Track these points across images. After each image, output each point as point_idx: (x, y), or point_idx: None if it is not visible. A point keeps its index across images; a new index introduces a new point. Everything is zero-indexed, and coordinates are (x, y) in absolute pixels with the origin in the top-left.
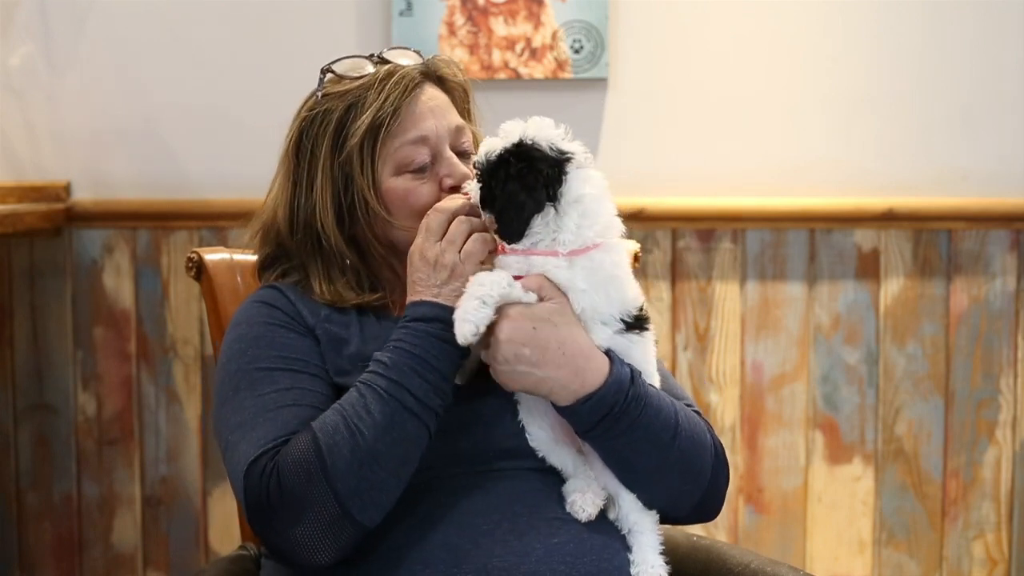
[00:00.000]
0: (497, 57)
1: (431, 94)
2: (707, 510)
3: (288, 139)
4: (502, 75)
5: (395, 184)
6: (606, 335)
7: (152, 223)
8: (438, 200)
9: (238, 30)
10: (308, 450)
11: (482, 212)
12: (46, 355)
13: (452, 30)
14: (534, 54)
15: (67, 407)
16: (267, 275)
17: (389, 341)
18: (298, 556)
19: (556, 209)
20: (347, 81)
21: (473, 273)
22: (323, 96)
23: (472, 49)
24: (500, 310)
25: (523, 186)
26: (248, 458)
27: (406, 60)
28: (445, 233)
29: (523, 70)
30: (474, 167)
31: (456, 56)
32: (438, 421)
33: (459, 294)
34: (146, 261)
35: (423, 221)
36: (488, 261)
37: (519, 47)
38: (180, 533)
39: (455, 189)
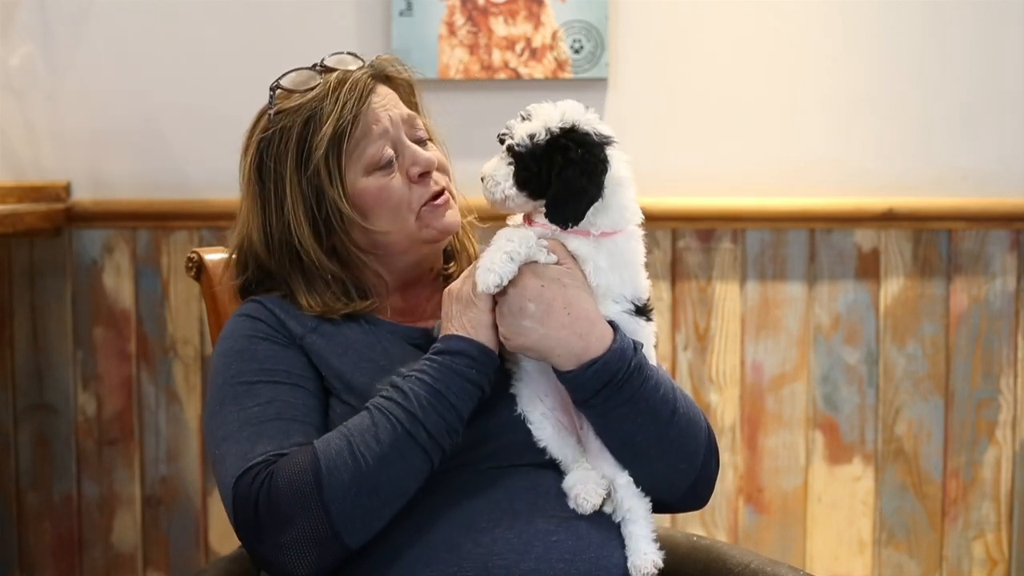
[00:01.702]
0: (497, 57)
1: (382, 93)
2: (699, 495)
3: (248, 161)
4: (502, 75)
5: (366, 185)
6: (614, 310)
7: (152, 223)
8: (407, 189)
9: (238, 30)
10: (306, 469)
11: (516, 194)
12: (46, 355)
13: (452, 30)
14: (534, 54)
15: (67, 407)
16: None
17: (412, 369)
18: (279, 566)
19: (603, 194)
20: (297, 95)
21: (484, 303)
22: (276, 114)
23: (472, 49)
24: None
25: (584, 172)
26: (237, 471)
27: (350, 65)
28: None
29: (523, 70)
30: (511, 149)
31: (456, 56)
32: (444, 458)
33: (475, 323)
34: (146, 261)
35: (468, 269)
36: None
37: (519, 47)
38: (180, 533)
39: (423, 177)
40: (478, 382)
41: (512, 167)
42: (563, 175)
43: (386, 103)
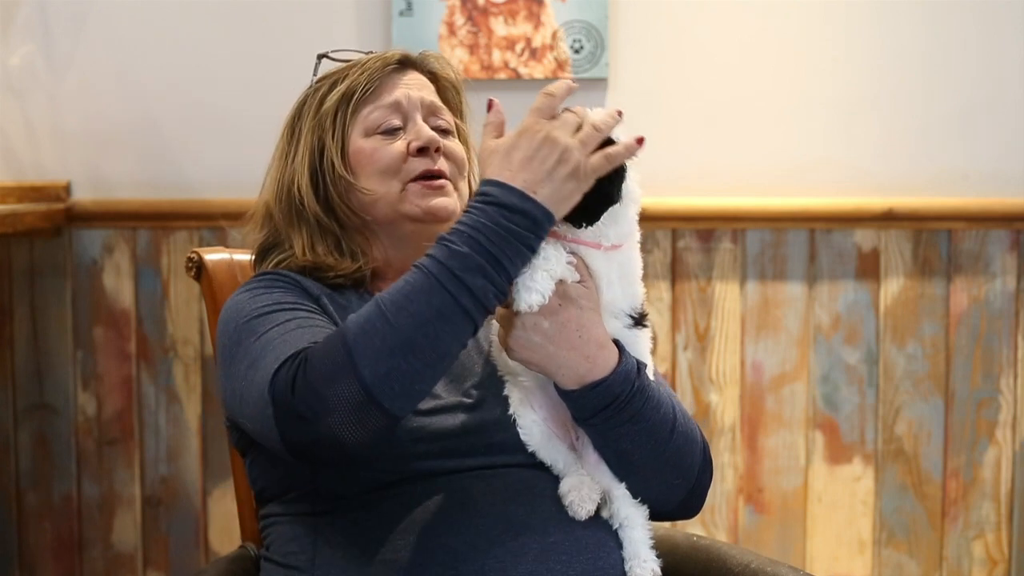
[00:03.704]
0: (497, 57)
1: (412, 75)
2: (691, 507)
3: (284, 122)
4: (502, 75)
5: (362, 144)
6: (616, 327)
7: (152, 223)
8: (402, 159)
9: (238, 30)
10: (336, 340)
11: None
12: (46, 355)
13: (452, 30)
14: (534, 54)
15: (67, 407)
16: (263, 266)
17: (463, 221)
18: (325, 443)
19: (620, 199)
20: (337, 64)
21: (589, 186)
22: (317, 81)
23: (472, 49)
24: None
25: (606, 177)
26: (270, 373)
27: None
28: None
29: (523, 70)
30: None
31: (456, 56)
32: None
33: (566, 197)
34: (146, 261)
35: (536, 102)
36: None
37: (519, 47)
38: (180, 533)
39: (422, 151)
40: (533, 246)
41: None
42: None
43: (411, 83)
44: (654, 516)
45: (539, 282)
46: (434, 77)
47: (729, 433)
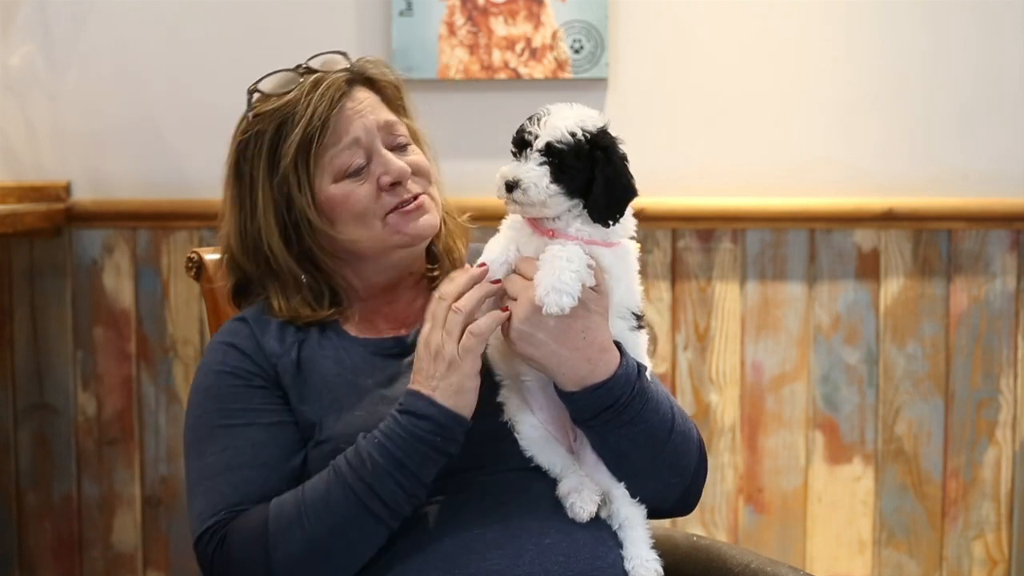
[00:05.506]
0: (497, 57)
1: (359, 98)
2: (686, 505)
3: (228, 164)
4: (502, 75)
5: (333, 192)
6: (619, 329)
7: (152, 223)
8: (375, 198)
9: (238, 30)
10: (256, 540)
11: (556, 192)
12: (46, 355)
13: (452, 30)
14: (534, 54)
15: (67, 407)
16: (243, 304)
17: (376, 430)
18: None
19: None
20: (274, 99)
21: (472, 368)
22: (254, 117)
23: (472, 49)
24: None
25: (626, 172)
26: (196, 530)
27: (338, 65)
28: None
29: (523, 70)
30: (550, 147)
31: (456, 56)
32: (402, 521)
33: (456, 389)
34: (146, 261)
35: (428, 309)
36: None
37: (519, 47)
38: (180, 533)
39: (395, 186)
40: (444, 449)
41: (547, 166)
42: (607, 172)
43: (362, 109)
44: (650, 514)
45: (569, 284)
46: (372, 83)
47: (729, 433)
